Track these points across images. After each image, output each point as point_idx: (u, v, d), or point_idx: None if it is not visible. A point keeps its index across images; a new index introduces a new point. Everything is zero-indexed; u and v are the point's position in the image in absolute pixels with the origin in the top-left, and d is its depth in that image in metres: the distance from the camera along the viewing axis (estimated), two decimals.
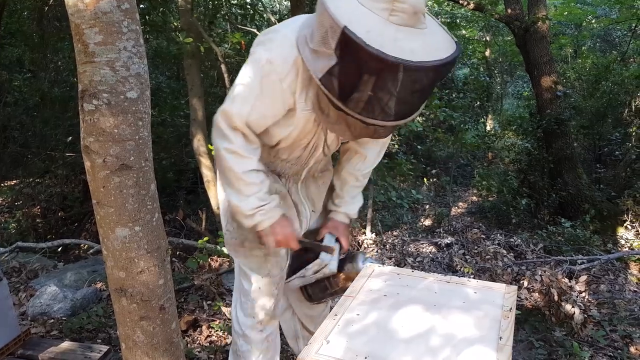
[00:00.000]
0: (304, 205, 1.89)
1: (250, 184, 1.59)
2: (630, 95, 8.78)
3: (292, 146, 1.70)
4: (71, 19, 1.23)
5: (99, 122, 1.27)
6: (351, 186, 1.95)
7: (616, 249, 5.19)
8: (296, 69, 1.46)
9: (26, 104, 6.61)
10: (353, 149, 1.90)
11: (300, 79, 1.48)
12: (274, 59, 1.46)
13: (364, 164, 1.92)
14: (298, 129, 1.61)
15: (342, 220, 1.96)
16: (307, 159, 1.79)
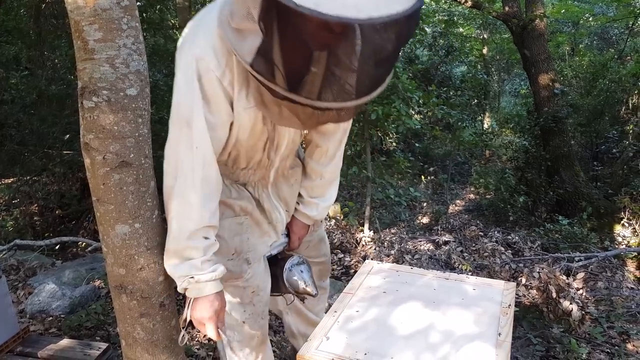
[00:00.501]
0: (277, 210, 1.67)
1: (193, 248, 1.35)
2: (628, 93, 8.81)
3: (248, 152, 1.50)
4: (70, 15, 1.23)
5: (99, 119, 1.27)
6: (315, 185, 1.74)
7: (613, 246, 5.21)
8: (232, 59, 1.23)
9: (23, 102, 6.59)
10: (313, 142, 1.69)
11: (237, 71, 1.25)
12: (204, 54, 1.22)
13: (326, 157, 1.70)
14: (245, 131, 1.39)
15: (299, 219, 1.77)
16: (271, 160, 1.57)
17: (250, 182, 1.61)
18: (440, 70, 10.55)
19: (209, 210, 1.36)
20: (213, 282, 1.40)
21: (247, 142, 1.44)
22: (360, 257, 3.96)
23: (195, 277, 1.36)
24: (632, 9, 10.16)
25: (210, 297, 1.40)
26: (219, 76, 1.24)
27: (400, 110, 4.24)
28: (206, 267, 1.37)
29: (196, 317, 1.41)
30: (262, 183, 1.63)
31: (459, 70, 12.39)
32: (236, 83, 1.27)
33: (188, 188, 1.32)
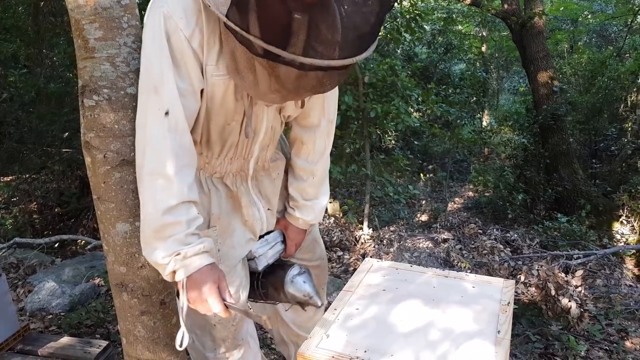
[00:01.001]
0: (256, 206, 1.55)
1: (174, 224, 1.20)
2: (626, 90, 8.82)
3: (222, 133, 1.37)
4: (71, 14, 1.23)
5: (100, 118, 1.27)
6: (307, 185, 1.64)
7: (612, 243, 5.23)
8: (202, 18, 1.15)
9: (22, 100, 6.59)
10: (298, 139, 1.60)
11: (207, 32, 1.16)
12: (172, 11, 1.13)
13: (315, 154, 1.61)
14: (216, 102, 1.27)
15: (296, 224, 1.68)
16: (248, 148, 1.45)
17: (227, 173, 1.47)
18: (439, 68, 10.56)
19: (187, 184, 1.22)
20: (203, 254, 1.24)
21: (218, 117, 1.31)
22: (359, 255, 3.97)
23: (182, 252, 1.20)
24: (631, 7, 10.18)
25: (203, 270, 1.23)
26: (188, 36, 1.15)
27: (400, 108, 4.25)
28: (193, 240, 1.23)
29: (194, 295, 1.23)
30: (241, 175, 1.50)
31: (457, 67, 12.40)
32: (206, 46, 1.17)
33: (158, 160, 1.19)
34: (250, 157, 1.48)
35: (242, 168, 1.50)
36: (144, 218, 1.23)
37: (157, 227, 1.20)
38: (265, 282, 1.61)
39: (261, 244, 1.62)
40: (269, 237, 1.66)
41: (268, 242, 1.65)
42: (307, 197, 1.66)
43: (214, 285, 1.24)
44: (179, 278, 1.24)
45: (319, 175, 1.65)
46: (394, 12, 4.77)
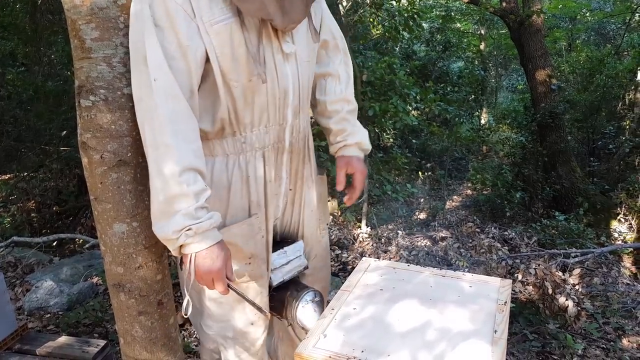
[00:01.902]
0: (283, 182, 1.52)
1: (182, 196, 1.19)
2: (624, 88, 8.85)
3: (247, 96, 1.31)
4: (67, 14, 1.23)
5: (96, 118, 1.27)
6: (347, 112, 1.62)
7: (609, 242, 5.25)
8: None
9: (20, 98, 6.58)
10: (318, 77, 1.60)
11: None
12: None
13: (341, 84, 1.61)
14: (227, 57, 1.23)
15: (354, 154, 1.63)
16: (281, 112, 1.40)
17: (266, 146, 1.41)
18: (438, 66, 10.56)
19: (190, 150, 1.20)
20: (213, 230, 1.25)
21: (236, 75, 1.26)
22: (357, 254, 3.98)
23: (193, 227, 1.19)
24: (630, 4, 10.18)
25: (215, 247, 1.24)
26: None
27: (398, 106, 4.25)
28: (202, 214, 1.21)
29: (204, 272, 1.24)
30: (279, 148, 1.45)
31: (456, 65, 12.41)
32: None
33: (157, 129, 1.17)
34: (285, 124, 1.43)
35: (279, 138, 1.44)
36: (152, 192, 1.22)
37: (166, 199, 1.19)
38: (276, 297, 1.57)
39: (279, 256, 1.56)
40: (289, 249, 1.59)
41: (287, 255, 1.58)
42: (351, 123, 1.63)
43: (223, 264, 1.26)
44: (188, 252, 1.24)
45: (353, 102, 1.64)
46: (392, 10, 4.76)
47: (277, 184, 1.50)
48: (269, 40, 1.30)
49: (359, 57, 5.17)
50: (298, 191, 1.59)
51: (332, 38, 1.60)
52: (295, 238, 1.64)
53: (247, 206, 1.44)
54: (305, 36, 1.41)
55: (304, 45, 1.41)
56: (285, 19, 1.24)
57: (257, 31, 1.27)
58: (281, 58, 1.33)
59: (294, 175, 1.56)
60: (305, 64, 1.42)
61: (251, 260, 1.45)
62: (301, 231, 1.65)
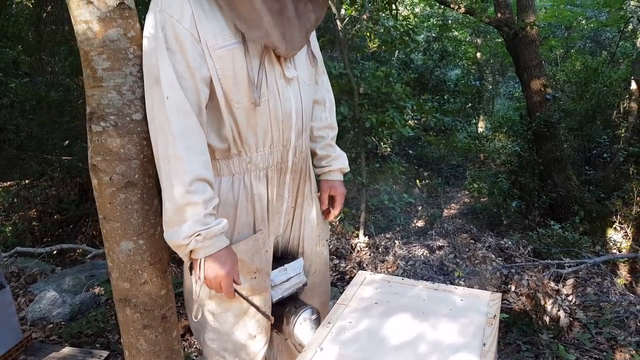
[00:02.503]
0: (285, 201, 1.59)
1: (192, 204, 1.27)
2: (619, 97, 8.94)
3: (249, 118, 1.39)
4: (80, 45, 1.30)
5: (106, 143, 1.34)
6: (331, 138, 1.75)
7: (605, 250, 5.31)
8: (188, 2, 1.26)
9: (22, 107, 6.65)
10: None
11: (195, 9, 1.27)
12: (165, 5, 1.25)
13: (326, 110, 1.73)
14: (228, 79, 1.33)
15: (336, 178, 1.78)
16: (285, 134, 1.47)
17: (270, 166, 1.49)
18: (435, 75, 10.66)
19: (200, 162, 1.29)
20: (221, 235, 1.33)
21: (238, 97, 1.35)
22: (355, 263, 4.04)
23: (202, 233, 1.27)
24: (623, 14, 10.30)
25: (223, 252, 1.33)
26: (179, 19, 1.24)
27: (394, 118, 4.33)
28: (211, 220, 1.30)
29: (212, 276, 1.32)
30: (282, 168, 1.53)
31: (453, 73, 12.50)
32: (198, 21, 1.26)
33: (169, 143, 1.26)
34: (289, 145, 1.50)
35: (283, 159, 1.52)
36: (164, 202, 1.30)
37: (177, 207, 1.27)
38: (275, 312, 1.62)
39: (279, 273, 1.62)
40: (289, 266, 1.65)
41: (287, 273, 1.64)
42: (334, 149, 1.77)
43: (232, 269, 1.35)
44: (197, 257, 1.32)
45: (336, 128, 1.77)
46: (388, 26, 4.86)
47: (278, 203, 1.58)
48: (271, 66, 1.39)
49: (356, 67, 5.26)
50: (299, 209, 1.67)
51: (321, 63, 1.71)
52: (296, 255, 1.72)
53: (252, 222, 1.52)
54: (305, 61, 1.51)
55: (305, 69, 1.51)
56: (287, 46, 1.35)
57: (260, 57, 1.36)
58: (284, 82, 1.43)
59: (295, 193, 1.64)
60: (306, 86, 1.52)
61: (256, 274, 1.53)
62: (301, 247, 1.72)
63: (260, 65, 1.36)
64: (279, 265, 1.62)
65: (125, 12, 1.33)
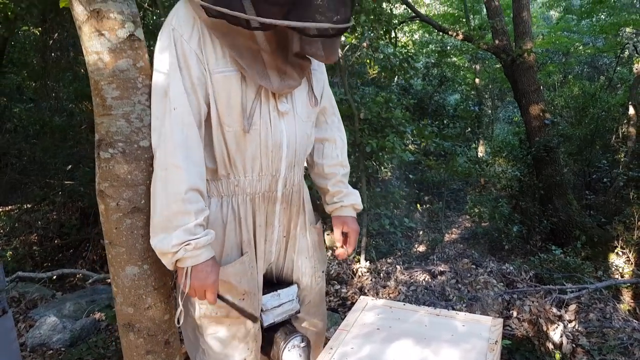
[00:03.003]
0: (275, 229, 1.62)
1: (185, 213, 1.32)
2: (617, 122, 9.02)
3: (240, 144, 1.44)
4: (90, 75, 1.35)
5: (114, 169, 1.37)
6: (342, 175, 1.77)
7: (607, 276, 5.28)
8: (197, 26, 1.34)
9: (26, 132, 6.72)
10: (317, 141, 1.75)
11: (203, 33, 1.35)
12: (177, 24, 1.34)
13: (337, 148, 1.77)
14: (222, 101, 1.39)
15: (349, 214, 1.78)
16: (275, 164, 1.51)
17: (257, 193, 1.53)
18: (434, 100, 10.77)
19: (197, 172, 1.35)
20: (208, 246, 1.39)
21: (230, 121, 1.40)
22: (356, 289, 4.02)
23: (192, 242, 1.32)
24: (620, 40, 10.48)
25: (210, 262, 1.38)
26: (187, 39, 1.33)
27: (395, 143, 4.37)
28: (200, 231, 1.35)
29: (198, 285, 1.37)
30: (270, 197, 1.56)
31: (452, 98, 12.63)
32: (204, 45, 1.34)
33: (169, 152, 1.32)
34: (278, 175, 1.54)
35: (271, 188, 1.55)
36: (154, 208, 1.35)
37: (168, 215, 1.32)
38: (266, 337, 1.64)
39: (272, 298, 1.63)
40: (282, 292, 1.66)
41: (279, 298, 1.65)
42: (345, 186, 1.78)
43: (216, 277, 1.41)
44: (183, 265, 1.36)
45: (347, 166, 1.80)
46: (387, 53, 4.96)
47: (269, 231, 1.61)
48: (266, 98, 1.45)
49: (356, 93, 5.34)
50: (292, 240, 1.70)
51: (331, 106, 1.78)
52: (290, 282, 1.73)
53: (239, 244, 1.55)
54: (306, 99, 1.57)
55: (303, 107, 1.56)
56: (282, 85, 1.42)
57: (256, 88, 1.43)
58: (277, 115, 1.48)
59: (287, 224, 1.67)
60: (303, 123, 1.57)
61: (244, 296, 1.55)
62: (295, 277, 1.74)
63: (255, 95, 1.42)
64: (272, 291, 1.64)
65: (135, 43, 1.37)
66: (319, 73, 1.63)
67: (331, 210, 1.81)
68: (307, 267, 1.74)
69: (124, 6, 1.35)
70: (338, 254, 1.80)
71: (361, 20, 4.27)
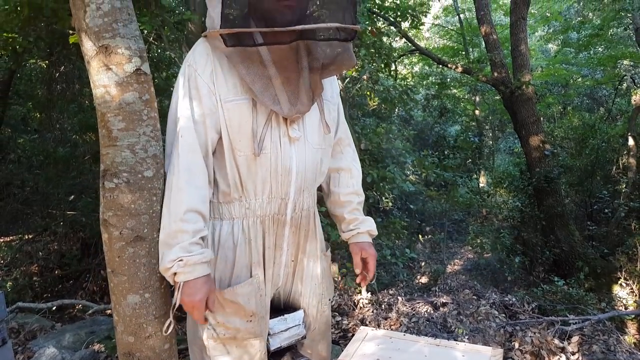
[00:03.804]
0: (284, 253, 1.63)
1: (183, 232, 1.39)
2: (617, 153, 9.07)
3: (250, 167, 1.50)
4: (97, 107, 1.39)
5: (118, 199, 1.40)
6: (357, 203, 1.81)
7: (610, 307, 5.23)
8: (210, 60, 1.46)
9: (30, 162, 6.78)
10: (333, 171, 1.81)
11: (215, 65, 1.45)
12: (193, 60, 1.47)
13: (353, 177, 1.82)
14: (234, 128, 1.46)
15: (365, 240, 1.81)
16: (284, 188, 1.55)
17: (267, 215, 1.56)
18: (435, 131, 10.89)
19: (198, 195, 1.42)
20: (202, 264, 1.42)
21: (241, 146, 1.47)
22: (358, 320, 3.99)
23: (184, 259, 1.38)
24: (618, 72, 10.64)
25: (200, 280, 1.42)
26: (201, 72, 1.44)
27: (395, 174, 4.41)
28: (195, 249, 1.40)
29: (186, 300, 1.42)
30: (279, 220, 1.58)
31: (453, 129, 12.75)
32: (216, 76, 1.44)
33: (174, 175, 1.41)
34: (287, 199, 1.57)
35: (280, 210, 1.58)
36: (161, 229, 1.43)
37: (169, 233, 1.40)
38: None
39: (279, 322, 1.64)
40: (289, 316, 1.67)
41: (286, 322, 1.65)
42: (361, 213, 1.82)
43: (204, 296, 1.43)
44: (177, 280, 1.42)
45: (362, 194, 1.84)
46: (387, 85, 5.06)
47: (277, 254, 1.63)
48: (277, 124, 1.51)
49: (357, 124, 5.41)
50: (300, 264, 1.71)
51: (347, 137, 1.84)
52: (297, 308, 1.73)
53: (249, 265, 1.57)
54: (317, 126, 1.61)
55: (315, 133, 1.61)
56: (292, 110, 1.48)
57: (267, 115, 1.49)
58: (287, 140, 1.53)
59: (295, 248, 1.68)
60: (314, 149, 1.61)
61: (252, 318, 1.55)
62: (303, 303, 1.73)
63: (266, 121, 1.49)
64: (279, 315, 1.65)
65: (142, 77, 1.42)
66: (331, 104, 1.68)
67: (348, 238, 1.83)
68: (315, 293, 1.74)
69: (131, 42, 1.40)
70: (359, 281, 1.82)
71: (361, 54, 4.37)
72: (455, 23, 13.85)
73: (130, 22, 1.41)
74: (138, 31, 1.44)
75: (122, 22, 1.39)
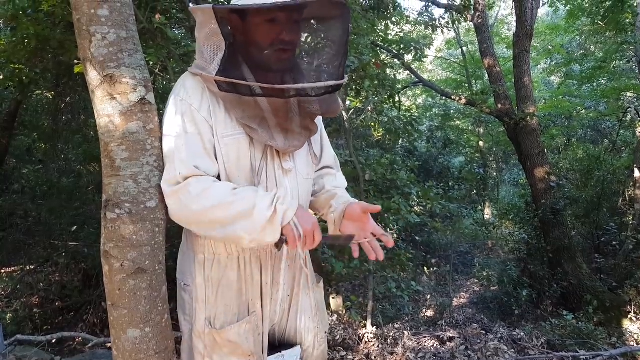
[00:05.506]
0: (281, 288, 1.60)
1: (246, 197, 1.36)
2: (623, 184, 9.01)
3: None
4: (101, 137, 1.38)
5: (120, 230, 1.37)
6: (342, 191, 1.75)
7: (621, 342, 5.10)
8: (206, 96, 1.44)
9: (34, 193, 6.78)
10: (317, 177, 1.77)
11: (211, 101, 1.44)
12: (185, 95, 1.43)
13: (337, 179, 1.80)
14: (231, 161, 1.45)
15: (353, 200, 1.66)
16: None
17: (263, 250, 1.54)
18: (439, 162, 10.89)
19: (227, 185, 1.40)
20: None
21: (239, 180, 1.46)
22: (363, 355, 3.89)
23: (280, 195, 1.38)
24: (621, 104, 10.69)
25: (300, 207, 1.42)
26: (197, 108, 1.41)
27: (400, 205, 4.38)
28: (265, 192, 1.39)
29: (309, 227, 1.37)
30: (276, 254, 1.56)
31: (457, 160, 12.76)
32: (213, 112, 1.43)
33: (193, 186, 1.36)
34: None
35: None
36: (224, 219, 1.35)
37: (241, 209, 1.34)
38: None
39: (276, 358, 1.61)
40: (286, 353, 1.64)
41: (283, 358, 1.63)
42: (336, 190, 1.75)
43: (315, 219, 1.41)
44: (289, 218, 1.36)
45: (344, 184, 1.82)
46: (391, 116, 5.08)
47: (274, 289, 1.60)
48: (272, 158, 1.52)
49: (361, 154, 5.41)
50: (295, 298, 1.68)
51: (335, 165, 1.85)
52: (293, 344, 1.69)
53: (247, 303, 1.55)
54: (306, 158, 1.64)
55: (304, 164, 1.62)
56: (287, 144, 1.49)
57: (263, 149, 1.50)
58: (281, 173, 1.54)
59: (291, 282, 1.65)
60: (304, 180, 1.62)
61: (250, 357, 1.53)
62: (299, 338, 1.70)
63: (262, 155, 1.50)
64: (275, 352, 1.62)
65: (146, 106, 1.42)
66: (316, 135, 1.68)
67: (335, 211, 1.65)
68: (310, 327, 1.71)
69: (136, 72, 1.40)
70: (387, 242, 1.63)
71: (365, 86, 4.40)
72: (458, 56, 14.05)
73: (136, 52, 1.42)
74: (143, 61, 1.45)
75: (127, 52, 1.39)
